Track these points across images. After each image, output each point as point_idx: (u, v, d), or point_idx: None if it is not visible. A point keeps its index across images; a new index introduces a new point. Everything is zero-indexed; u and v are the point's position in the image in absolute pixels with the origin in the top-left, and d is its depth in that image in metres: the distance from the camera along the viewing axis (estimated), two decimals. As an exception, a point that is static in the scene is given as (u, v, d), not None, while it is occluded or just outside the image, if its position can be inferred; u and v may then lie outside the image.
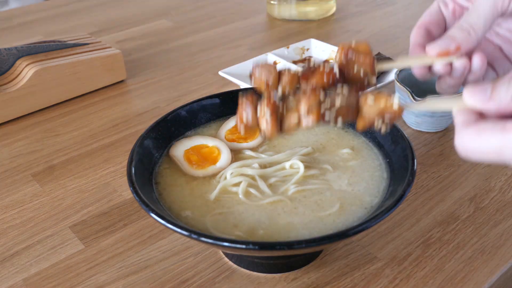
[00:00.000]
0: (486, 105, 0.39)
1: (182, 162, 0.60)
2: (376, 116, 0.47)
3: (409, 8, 1.34)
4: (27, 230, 0.64)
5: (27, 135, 0.84)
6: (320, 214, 0.53)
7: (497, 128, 0.36)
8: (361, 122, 0.48)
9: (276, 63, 0.97)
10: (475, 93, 0.39)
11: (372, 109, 0.47)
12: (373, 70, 0.52)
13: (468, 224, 0.63)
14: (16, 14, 1.37)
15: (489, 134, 0.36)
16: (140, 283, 0.56)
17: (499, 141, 0.36)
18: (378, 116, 0.47)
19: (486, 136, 0.37)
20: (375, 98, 0.47)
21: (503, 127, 0.36)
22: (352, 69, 0.51)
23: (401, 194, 0.49)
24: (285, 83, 0.51)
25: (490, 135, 0.36)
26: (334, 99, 0.48)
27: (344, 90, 0.48)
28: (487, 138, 0.37)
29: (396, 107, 0.47)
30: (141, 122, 0.86)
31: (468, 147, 0.38)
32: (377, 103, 0.47)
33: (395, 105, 0.47)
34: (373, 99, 0.47)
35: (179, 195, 0.56)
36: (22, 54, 0.90)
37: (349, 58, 0.51)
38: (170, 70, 1.04)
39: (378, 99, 0.47)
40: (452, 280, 0.55)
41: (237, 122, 0.50)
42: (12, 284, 0.57)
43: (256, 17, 1.31)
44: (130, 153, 0.56)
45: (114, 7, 1.40)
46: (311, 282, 0.56)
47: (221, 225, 0.52)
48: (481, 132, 0.37)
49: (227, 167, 0.59)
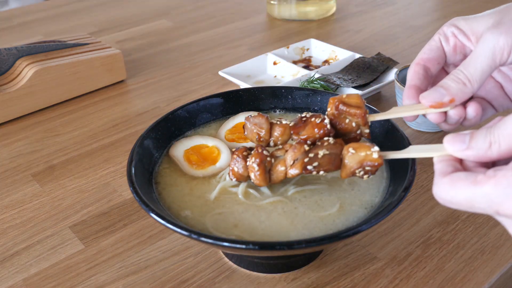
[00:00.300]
0: (464, 153, 0.40)
1: (182, 162, 0.60)
2: (357, 165, 0.49)
3: (409, 8, 1.34)
4: (27, 230, 0.64)
5: (27, 135, 0.84)
6: (320, 214, 0.53)
7: (469, 180, 0.38)
8: (343, 171, 0.51)
9: (276, 63, 0.97)
10: (454, 142, 0.41)
11: (353, 159, 0.49)
12: (365, 122, 0.53)
13: (468, 224, 0.63)
14: (16, 14, 1.37)
15: (461, 186, 0.38)
16: (140, 283, 0.56)
17: (470, 194, 0.37)
18: (359, 165, 0.49)
19: (458, 188, 0.38)
20: (356, 148, 0.49)
21: (474, 180, 0.37)
22: (344, 122, 0.54)
23: (401, 194, 0.49)
24: (277, 135, 0.55)
25: (461, 187, 0.38)
26: (318, 152, 0.50)
27: (330, 142, 0.51)
28: (459, 190, 0.38)
29: (376, 156, 0.48)
30: (141, 122, 0.86)
31: (443, 198, 0.39)
32: (358, 153, 0.49)
33: (375, 154, 0.48)
34: (354, 149, 0.49)
35: (179, 194, 0.56)
36: (22, 54, 0.90)
37: (340, 111, 0.54)
38: (170, 70, 1.04)
39: (358, 149, 0.49)
40: (452, 280, 0.55)
41: (229, 174, 0.54)
42: (12, 284, 0.57)
43: (256, 17, 1.31)
44: (130, 153, 0.56)
45: (114, 7, 1.40)
46: (311, 282, 0.56)
47: (221, 225, 0.52)
48: (454, 184, 0.38)
49: (227, 168, 0.59)
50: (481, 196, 0.37)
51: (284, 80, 0.95)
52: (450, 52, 0.52)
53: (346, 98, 0.54)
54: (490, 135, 0.39)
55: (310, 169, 0.50)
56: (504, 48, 0.45)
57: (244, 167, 0.53)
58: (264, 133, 0.55)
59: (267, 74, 0.97)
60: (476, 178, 0.37)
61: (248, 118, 0.56)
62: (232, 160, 0.54)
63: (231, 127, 0.65)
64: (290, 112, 0.69)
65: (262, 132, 0.55)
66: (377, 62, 0.93)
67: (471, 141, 0.40)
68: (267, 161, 0.52)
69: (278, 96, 0.69)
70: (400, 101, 0.79)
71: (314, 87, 0.85)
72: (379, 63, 0.93)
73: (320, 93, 0.67)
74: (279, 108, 0.69)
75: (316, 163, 0.50)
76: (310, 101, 0.68)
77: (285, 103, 0.69)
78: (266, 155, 0.52)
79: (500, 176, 0.36)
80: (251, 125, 0.56)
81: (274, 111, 0.69)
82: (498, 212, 0.37)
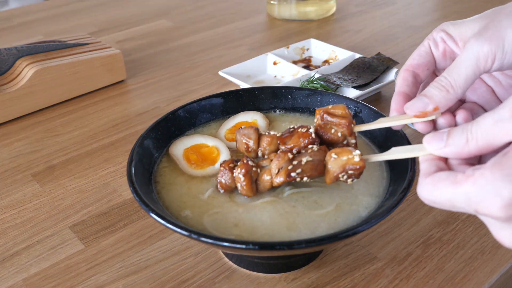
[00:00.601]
0: (443, 151, 0.41)
1: (181, 161, 0.60)
2: (339, 170, 0.50)
3: (409, 8, 1.34)
4: (27, 230, 0.64)
5: (27, 135, 0.84)
6: (320, 213, 0.53)
7: (449, 180, 0.38)
8: (327, 176, 0.52)
9: (276, 63, 0.97)
10: (432, 140, 0.42)
11: (335, 164, 0.50)
12: (351, 132, 0.55)
13: (468, 224, 0.63)
14: (16, 14, 1.37)
15: (442, 186, 0.39)
16: (140, 283, 0.56)
17: (450, 194, 0.38)
18: (342, 170, 0.50)
19: (440, 188, 0.39)
20: (338, 153, 0.50)
21: (454, 180, 0.38)
22: (330, 132, 0.55)
23: (401, 194, 0.49)
24: (264, 146, 0.56)
25: (442, 187, 0.39)
26: (301, 159, 0.52)
27: (313, 149, 0.52)
28: (440, 191, 0.39)
29: (358, 159, 0.49)
30: (141, 122, 0.86)
31: (427, 198, 0.40)
32: (340, 157, 0.50)
33: (357, 158, 0.49)
34: (336, 154, 0.50)
35: (177, 193, 0.56)
36: (22, 54, 0.90)
37: (326, 121, 0.55)
38: (170, 70, 1.04)
39: (340, 154, 0.50)
40: (452, 280, 0.55)
41: (217, 186, 0.55)
42: (12, 284, 0.57)
43: (256, 17, 1.31)
44: (130, 153, 0.56)
45: (114, 7, 1.40)
46: (311, 282, 0.56)
47: (220, 225, 0.52)
48: (436, 184, 0.39)
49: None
50: (461, 196, 0.37)
51: (284, 80, 0.95)
52: (440, 58, 0.52)
53: (331, 108, 0.56)
54: (467, 131, 0.40)
55: (294, 175, 0.51)
56: (489, 55, 0.44)
57: (231, 178, 0.54)
58: (252, 143, 0.57)
59: (267, 74, 0.97)
60: (456, 178, 0.38)
61: (238, 130, 0.58)
62: (219, 172, 0.55)
63: (231, 127, 0.65)
64: (290, 112, 0.69)
65: (250, 142, 0.57)
66: (377, 62, 0.93)
67: (448, 139, 0.41)
68: (253, 171, 0.53)
69: (278, 96, 0.69)
70: (400, 101, 0.79)
71: (314, 87, 0.85)
72: (379, 63, 0.93)
73: (320, 93, 0.67)
74: (279, 108, 0.69)
75: (299, 170, 0.51)
76: (310, 101, 0.68)
77: (285, 103, 0.69)
78: (251, 166, 0.53)
79: (478, 175, 0.36)
80: (241, 136, 0.57)
81: (274, 111, 0.69)
82: (477, 211, 0.37)
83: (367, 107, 0.63)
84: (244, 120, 0.66)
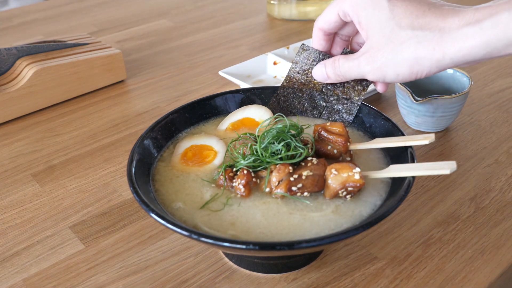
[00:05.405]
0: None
1: (180, 159, 0.60)
2: (339, 186, 0.51)
3: (409, 8, 1.33)
4: (27, 230, 0.64)
5: (27, 135, 0.84)
6: (319, 213, 0.52)
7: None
8: (327, 191, 0.53)
9: (276, 63, 0.97)
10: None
11: (336, 180, 0.52)
12: (346, 150, 0.57)
13: (468, 224, 0.63)
14: (16, 14, 1.37)
15: None
16: (140, 284, 0.56)
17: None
18: (342, 186, 0.51)
19: None
20: (338, 169, 0.52)
21: None
22: (327, 148, 0.57)
23: (402, 194, 0.49)
24: None
25: None
26: (301, 173, 0.53)
27: (313, 162, 0.53)
28: None
29: (358, 177, 0.51)
30: (141, 122, 0.86)
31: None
32: (340, 174, 0.52)
33: (357, 175, 0.51)
34: (336, 170, 0.52)
35: (173, 191, 0.56)
36: (22, 54, 0.90)
37: (322, 137, 0.57)
38: (170, 70, 1.04)
39: (341, 170, 0.52)
40: (452, 280, 0.55)
41: (216, 184, 0.56)
42: (12, 284, 0.57)
43: (256, 17, 1.31)
44: (130, 153, 0.56)
45: (114, 7, 1.40)
46: (311, 282, 0.56)
47: (215, 223, 0.52)
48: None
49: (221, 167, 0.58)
50: None
51: (284, 80, 0.95)
52: (345, 29, 0.63)
53: (329, 125, 0.58)
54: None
55: (295, 190, 0.52)
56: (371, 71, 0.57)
57: (231, 186, 0.55)
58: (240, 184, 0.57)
59: (267, 74, 0.97)
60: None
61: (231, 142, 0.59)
62: (219, 180, 0.56)
63: (235, 120, 0.65)
64: (290, 112, 0.69)
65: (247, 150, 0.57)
66: (377, 62, 0.93)
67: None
68: (253, 182, 0.54)
69: (278, 96, 0.69)
70: (401, 101, 0.79)
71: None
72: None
73: (320, 93, 0.67)
74: (279, 108, 0.69)
75: (300, 185, 0.52)
76: (310, 101, 0.68)
77: (285, 103, 0.69)
78: (252, 176, 0.54)
79: None
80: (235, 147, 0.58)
81: (274, 111, 0.69)
82: None
83: (367, 107, 0.63)
84: (251, 117, 0.66)
